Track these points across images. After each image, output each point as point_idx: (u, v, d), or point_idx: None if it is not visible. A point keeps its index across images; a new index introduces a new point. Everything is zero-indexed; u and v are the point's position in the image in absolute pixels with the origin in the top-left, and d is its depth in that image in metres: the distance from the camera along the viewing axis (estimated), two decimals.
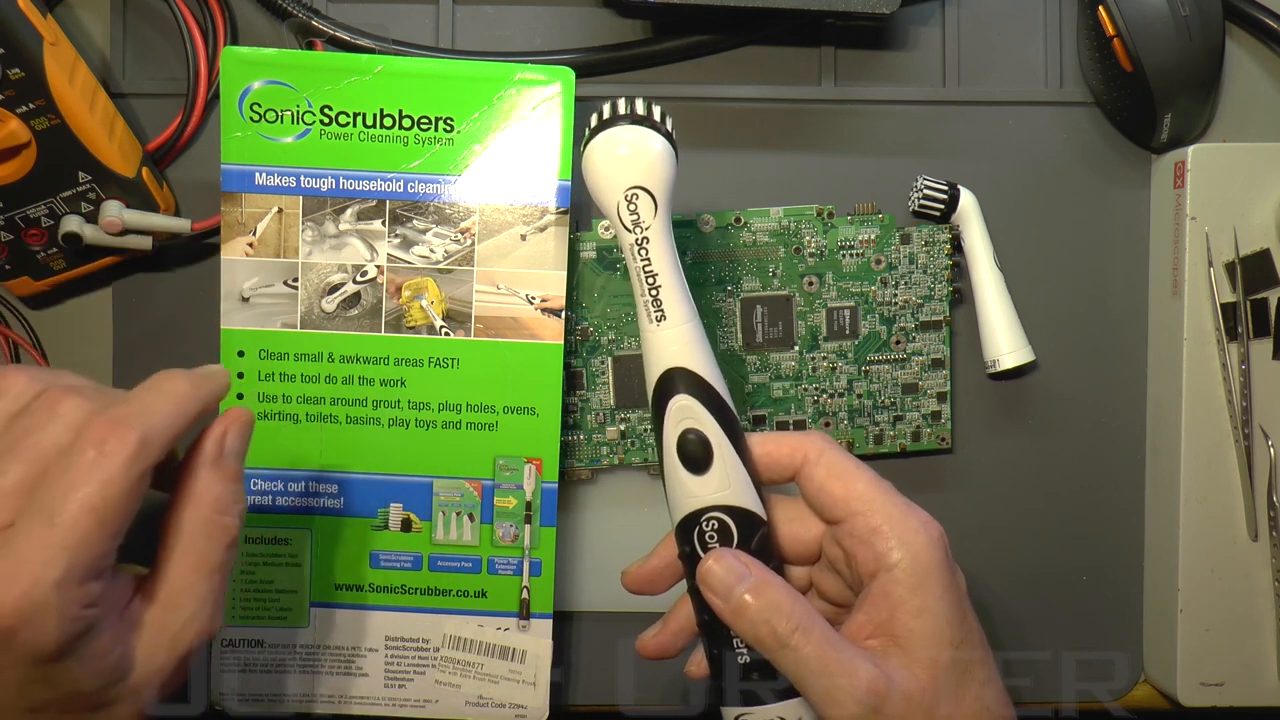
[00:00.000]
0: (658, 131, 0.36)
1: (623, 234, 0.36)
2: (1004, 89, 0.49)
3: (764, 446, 0.36)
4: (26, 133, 0.42)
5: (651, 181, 0.35)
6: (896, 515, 0.34)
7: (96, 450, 0.29)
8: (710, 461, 0.35)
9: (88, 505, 0.29)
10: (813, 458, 0.36)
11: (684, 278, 0.36)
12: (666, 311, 0.35)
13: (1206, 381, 0.47)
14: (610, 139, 0.35)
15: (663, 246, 0.35)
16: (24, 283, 0.46)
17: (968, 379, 0.49)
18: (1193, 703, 0.47)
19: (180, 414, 0.32)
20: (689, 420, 0.35)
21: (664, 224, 0.35)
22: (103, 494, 0.29)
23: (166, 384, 0.33)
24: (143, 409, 0.31)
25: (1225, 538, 0.47)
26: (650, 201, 0.35)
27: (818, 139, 0.49)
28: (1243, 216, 0.46)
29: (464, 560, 0.45)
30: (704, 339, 0.36)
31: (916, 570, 0.34)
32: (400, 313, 0.45)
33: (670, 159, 0.36)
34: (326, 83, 0.43)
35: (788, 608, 0.33)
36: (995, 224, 0.48)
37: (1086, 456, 0.49)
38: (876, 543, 0.34)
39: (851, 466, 0.36)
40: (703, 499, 0.35)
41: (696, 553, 0.36)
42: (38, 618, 0.28)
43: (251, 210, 0.44)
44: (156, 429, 0.31)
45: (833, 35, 0.49)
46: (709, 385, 0.35)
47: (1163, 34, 0.45)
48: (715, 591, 0.34)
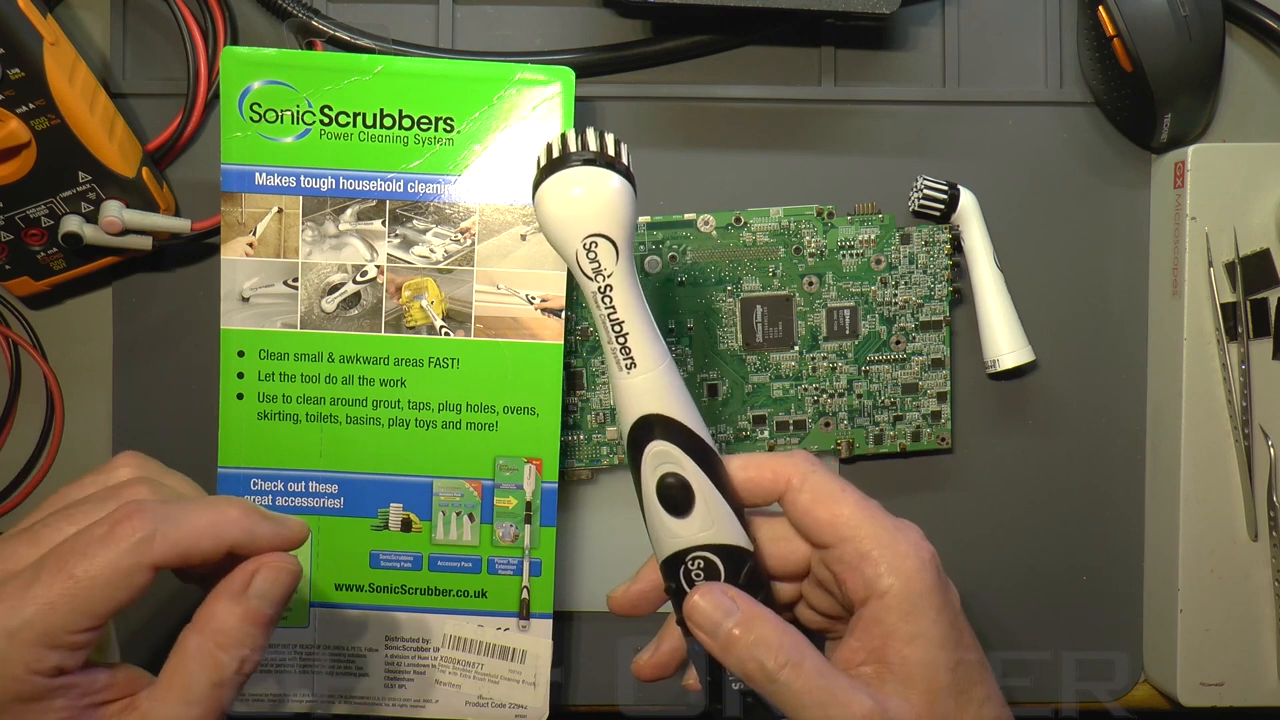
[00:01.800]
0: (614, 170, 0.33)
1: (584, 283, 0.33)
2: (1004, 89, 0.49)
3: (746, 472, 0.35)
4: (26, 133, 0.42)
5: (611, 227, 0.33)
6: (885, 539, 0.33)
7: (107, 529, 0.30)
8: (692, 504, 0.34)
9: (70, 572, 0.29)
10: (796, 482, 0.35)
11: (652, 321, 0.34)
12: (637, 359, 0.33)
13: (1206, 381, 0.47)
14: (563, 182, 0.33)
15: (628, 293, 0.33)
16: (24, 283, 0.46)
17: (968, 379, 0.49)
18: (1193, 703, 0.47)
19: (210, 531, 0.31)
20: (667, 465, 0.34)
21: (627, 269, 0.33)
22: (90, 567, 0.29)
23: (222, 503, 0.32)
24: (174, 512, 0.31)
25: (1225, 538, 0.47)
26: (611, 248, 0.33)
27: (818, 139, 0.49)
28: (1243, 216, 0.46)
29: (464, 560, 0.45)
30: (676, 381, 0.34)
31: (909, 596, 0.33)
32: (400, 313, 0.45)
33: (629, 200, 0.33)
34: (326, 83, 0.43)
35: (776, 642, 0.33)
36: (995, 224, 0.48)
37: (1086, 456, 0.49)
38: (866, 569, 0.33)
39: (837, 489, 0.34)
40: (687, 540, 0.34)
41: (683, 589, 0.35)
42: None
43: (251, 210, 0.44)
44: (172, 532, 0.30)
45: (833, 35, 0.49)
46: (685, 428, 0.34)
47: (1163, 34, 0.45)
48: (703, 628, 0.34)
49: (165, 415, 0.48)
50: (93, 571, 0.29)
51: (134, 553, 0.30)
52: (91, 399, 0.48)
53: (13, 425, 0.48)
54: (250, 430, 0.45)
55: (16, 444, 0.48)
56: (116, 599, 0.30)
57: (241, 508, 0.33)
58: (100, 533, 0.30)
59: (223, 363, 0.44)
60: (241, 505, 0.33)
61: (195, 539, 0.31)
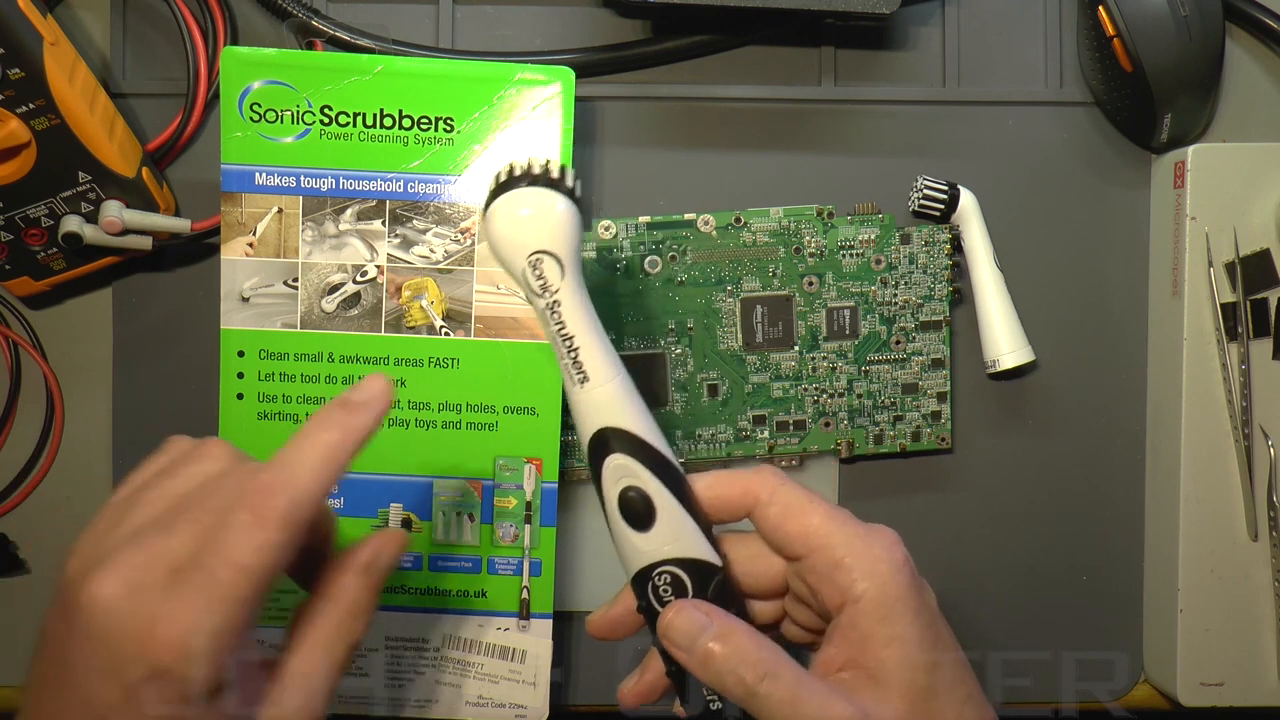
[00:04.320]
0: (559, 191, 0.34)
1: (533, 300, 0.34)
2: (1004, 89, 0.49)
3: (714, 490, 0.35)
4: (26, 133, 0.42)
5: (556, 245, 0.34)
6: (857, 545, 0.33)
7: (251, 514, 0.31)
8: (654, 516, 0.34)
9: (241, 565, 0.30)
10: (765, 497, 0.35)
11: (604, 336, 0.35)
12: (589, 373, 0.34)
13: (1206, 381, 0.47)
14: (511, 202, 0.34)
15: (576, 308, 0.34)
16: (24, 283, 0.46)
17: (968, 379, 0.49)
18: (1193, 703, 0.47)
19: (330, 471, 0.32)
20: (627, 478, 0.34)
21: (573, 285, 0.34)
22: (257, 556, 0.30)
23: (318, 436, 0.33)
24: (292, 474, 0.32)
25: (1225, 538, 0.47)
26: (556, 265, 0.34)
27: (818, 139, 0.49)
28: (1243, 216, 0.46)
29: (464, 560, 0.45)
30: (632, 393, 0.35)
31: (883, 600, 0.33)
32: (400, 313, 0.45)
33: (574, 220, 0.34)
34: (326, 83, 0.43)
35: (754, 655, 0.33)
36: (995, 224, 0.48)
37: (1086, 456, 0.49)
38: (839, 576, 0.33)
39: (805, 501, 0.34)
40: (652, 554, 0.34)
41: (654, 607, 0.35)
42: (192, 660, 0.30)
43: (251, 210, 0.44)
44: (306, 495, 0.32)
45: (833, 35, 0.49)
46: (642, 440, 0.34)
47: (1163, 34, 0.45)
48: (679, 645, 0.33)
49: (165, 415, 0.48)
50: (261, 559, 0.31)
51: (285, 528, 0.31)
52: (91, 399, 0.48)
53: (13, 425, 0.48)
54: (250, 430, 0.45)
55: (16, 444, 0.48)
56: (279, 572, 0.32)
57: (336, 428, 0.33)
58: (247, 519, 0.31)
59: (223, 363, 0.44)
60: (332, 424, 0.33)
61: (323, 486, 0.32)
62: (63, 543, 0.47)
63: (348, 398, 0.34)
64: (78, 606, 0.30)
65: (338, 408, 0.33)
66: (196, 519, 0.31)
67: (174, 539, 0.31)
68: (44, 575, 0.48)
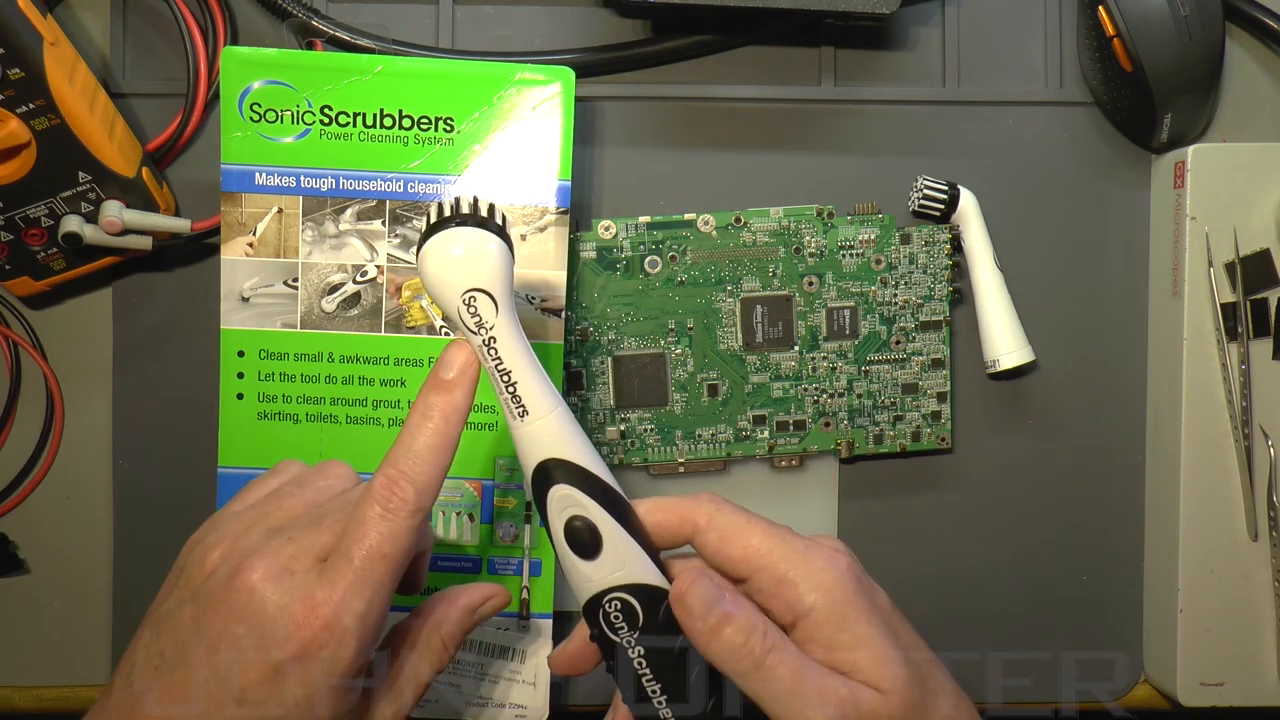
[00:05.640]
0: (489, 230, 0.35)
1: (469, 336, 0.35)
2: (1004, 89, 0.49)
3: (653, 517, 0.35)
4: (26, 133, 0.42)
5: (488, 282, 0.34)
6: (798, 559, 0.34)
7: (382, 505, 0.33)
8: (600, 545, 0.34)
9: (380, 552, 0.33)
10: (703, 523, 0.35)
11: (541, 369, 0.35)
12: (528, 406, 0.34)
13: (1206, 381, 0.47)
14: (443, 242, 0.34)
15: (511, 343, 0.34)
16: (24, 283, 0.46)
17: (968, 379, 0.49)
18: (1193, 703, 0.47)
19: (444, 455, 0.34)
20: (572, 508, 0.34)
21: (508, 320, 0.34)
22: (392, 543, 0.33)
23: (424, 426, 0.34)
24: (410, 465, 0.34)
25: (1225, 538, 0.47)
26: (490, 302, 0.34)
27: (818, 139, 0.49)
28: (1243, 216, 0.46)
29: (464, 560, 0.45)
30: (571, 423, 0.35)
31: (833, 608, 0.33)
32: (400, 313, 0.45)
33: (505, 258, 0.35)
34: (326, 83, 0.43)
35: (763, 627, 0.33)
36: (995, 224, 0.48)
37: (1086, 456, 0.49)
38: (786, 592, 0.33)
39: (742, 523, 0.35)
40: (600, 582, 0.35)
41: (606, 635, 0.35)
42: (341, 641, 0.32)
43: (251, 210, 0.44)
44: (426, 481, 0.34)
45: (833, 35, 0.49)
46: (584, 470, 0.35)
47: (1163, 34, 0.45)
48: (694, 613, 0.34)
49: (165, 415, 0.48)
50: (396, 545, 0.33)
51: (415, 515, 0.33)
52: (91, 399, 0.48)
53: (13, 425, 0.48)
54: (250, 430, 0.45)
55: (16, 444, 0.48)
56: (410, 557, 0.34)
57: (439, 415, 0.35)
58: (378, 510, 0.33)
59: (223, 363, 0.44)
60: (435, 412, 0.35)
61: (441, 470, 0.34)
62: (63, 543, 0.48)
63: (439, 377, 0.35)
64: (229, 590, 0.32)
65: (433, 391, 0.35)
66: (337, 518, 0.34)
67: (319, 534, 0.33)
68: (44, 575, 0.48)
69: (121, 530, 0.48)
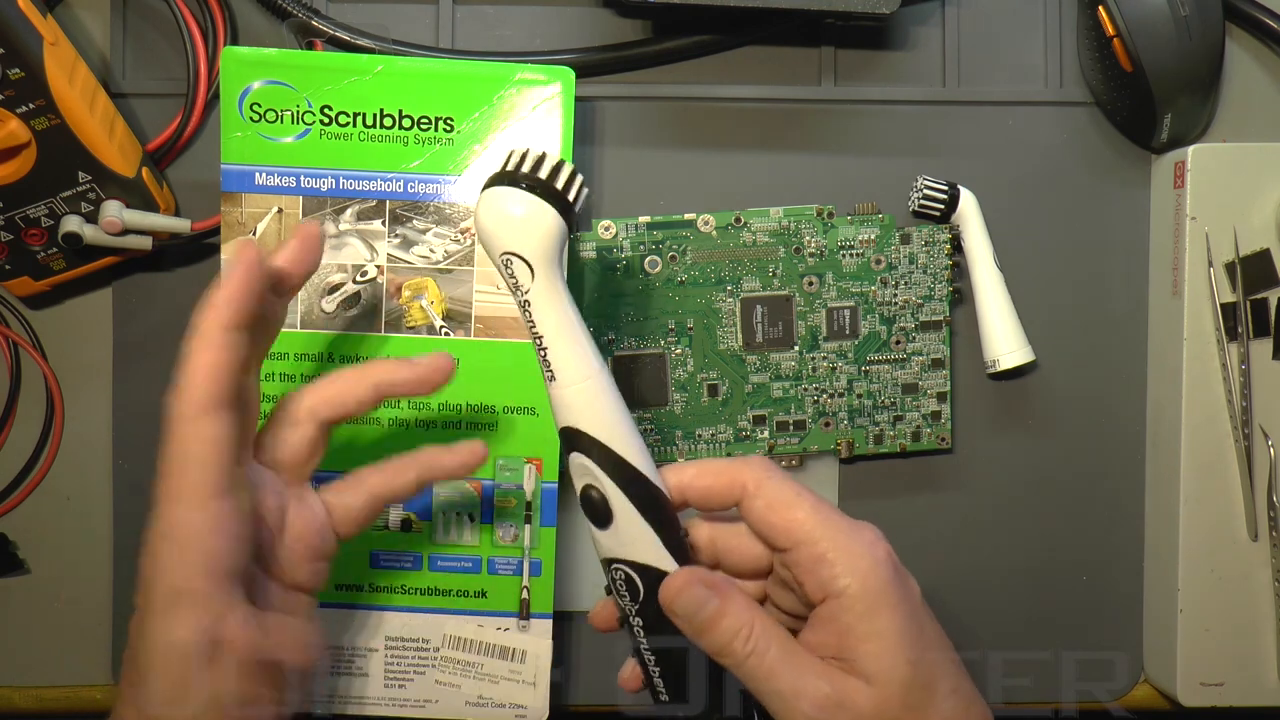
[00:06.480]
0: (550, 202, 0.34)
1: (511, 292, 0.35)
2: (1004, 89, 0.49)
3: (701, 479, 0.36)
4: (26, 133, 0.42)
5: (528, 250, 0.34)
6: (841, 541, 0.34)
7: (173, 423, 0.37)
8: (610, 518, 0.35)
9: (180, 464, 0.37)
10: (752, 489, 0.35)
11: (579, 338, 0.35)
12: (555, 372, 0.35)
13: (1206, 381, 0.47)
14: (499, 197, 0.34)
15: (546, 308, 0.34)
16: (24, 283, 0.46)
17: (968, 379, 0.49)
18: (1193, 703, 0.47)
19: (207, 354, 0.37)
20: (587, 477, 0.35)
21: (545, 287, 0.34)
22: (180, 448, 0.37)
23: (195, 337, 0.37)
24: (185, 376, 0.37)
25: (1225, 538, 0.47)
26: (526, 268, 0.34)
27: (818, 139, 0.49)
28: (1243, 216, 0.46)
29: (464, 560, 0.45)
30: (600, 397, 0.35)
31: (865, 595, 0.33)
32: (400, 313, 0.45)
33: (558, 232, 0.34)
34: (326, 83, 0.43)
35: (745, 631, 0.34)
36: (995, 224, 0.48)
37: (1086, 456, 0.49)
38: (822, 571, 0.34)
39: (791, 495, 0.35)
40: (608, 550, 0.36)
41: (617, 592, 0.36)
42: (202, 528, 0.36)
43: (251, 210, 0.44)
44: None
45: (833, 35, 0.49)
46: (604, 446, 0.35)
47: (1163, 34, 0.45)
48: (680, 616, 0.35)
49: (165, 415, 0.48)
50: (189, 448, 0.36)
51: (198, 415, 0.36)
52: (91, 399, 0.48)
53: (13, 425, 0.48)
54: None
55: (16, 444, 0.48)
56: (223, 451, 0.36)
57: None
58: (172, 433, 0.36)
59: None
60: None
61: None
62: (63, 543, 0.48)
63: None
64: None
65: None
66: None
67: None
68: (44, 575, 0.48)
69: (121, 530, 0.48)
